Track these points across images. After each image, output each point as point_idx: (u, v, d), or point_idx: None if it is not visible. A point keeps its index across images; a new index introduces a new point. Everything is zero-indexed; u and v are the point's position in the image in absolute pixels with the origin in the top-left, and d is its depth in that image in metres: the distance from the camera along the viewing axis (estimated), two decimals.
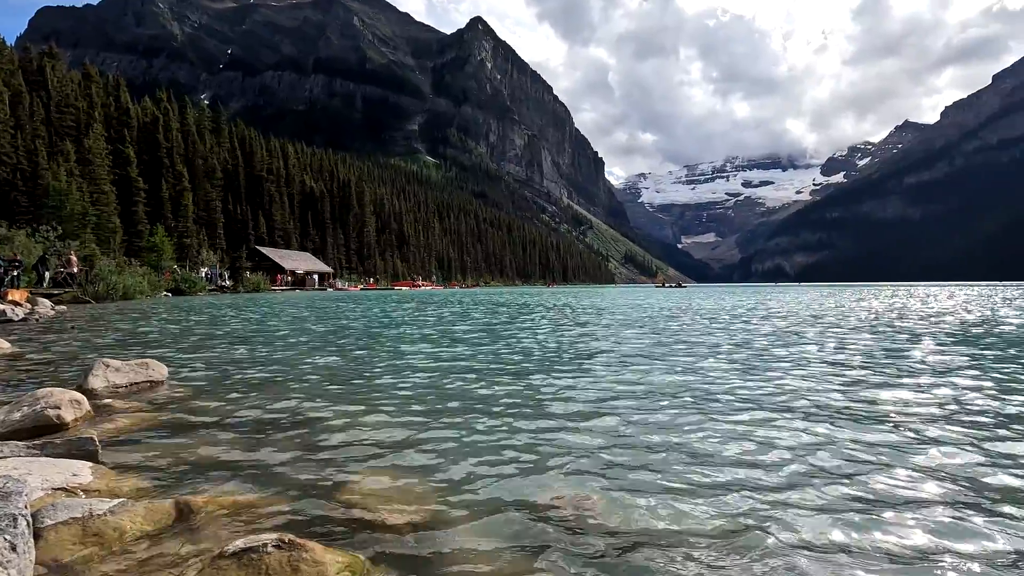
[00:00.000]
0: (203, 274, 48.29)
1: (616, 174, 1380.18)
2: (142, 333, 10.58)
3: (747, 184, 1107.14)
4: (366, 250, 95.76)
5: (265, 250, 63.82)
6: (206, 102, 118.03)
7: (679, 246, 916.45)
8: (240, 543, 1.69)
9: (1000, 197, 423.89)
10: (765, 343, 8.67)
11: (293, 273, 64.04)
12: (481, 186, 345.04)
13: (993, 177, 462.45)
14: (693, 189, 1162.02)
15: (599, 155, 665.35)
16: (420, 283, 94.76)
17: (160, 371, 5.16)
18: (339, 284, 74.23)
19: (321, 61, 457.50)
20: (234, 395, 4.61)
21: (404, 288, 78.21)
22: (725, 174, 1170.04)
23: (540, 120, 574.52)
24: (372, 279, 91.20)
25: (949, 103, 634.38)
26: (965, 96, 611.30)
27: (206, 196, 59.75)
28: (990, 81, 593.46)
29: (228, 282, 50.49)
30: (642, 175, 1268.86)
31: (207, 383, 5.18)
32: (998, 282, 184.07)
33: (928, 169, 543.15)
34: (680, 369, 6.02)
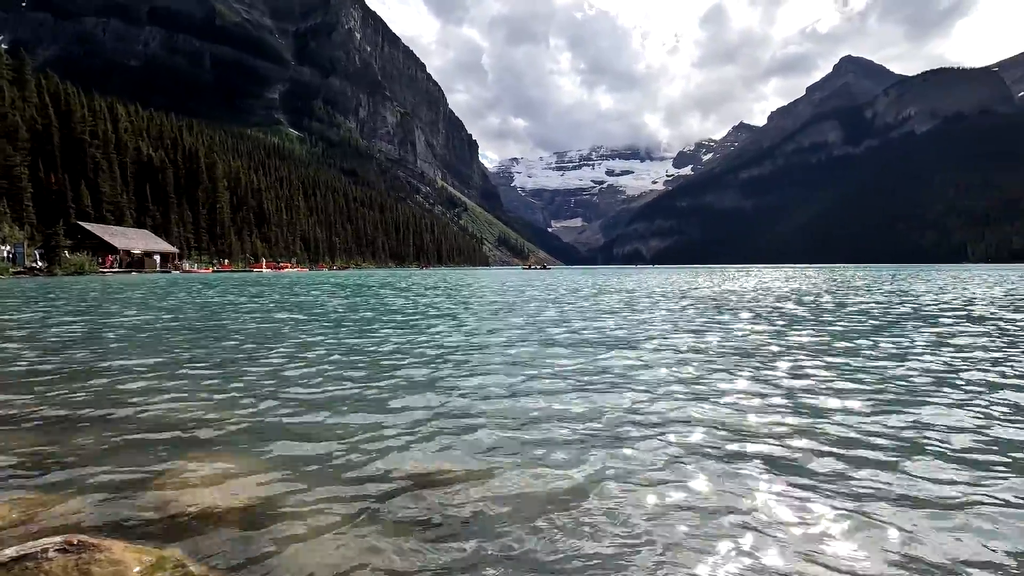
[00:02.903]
0: (4, 253, 40.70)
1: (490, 157, 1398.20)
2: None
3: (610, 173, 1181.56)
4: (219, 229, 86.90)
5: (90, 226, 55.11)
6: (3, 46, 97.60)
7: (549, 230, 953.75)
8: (11, 551, 1.41)
9: (810, 193, 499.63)
10: (594, 321, 9.44)
11: (128, 253, 56.18)
12: (351, 163, 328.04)
13: (805, 176, 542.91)
14: (562, 175, 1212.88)
15: (473, 138, 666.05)
16: (283, 265, 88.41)
17: None
18: (186, 266, 66.72)
19: (158, 11, 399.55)
20: (26, 390, 4.08)
21: (266, 271, 72.55)
22: (591, 162, 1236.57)
23: (413, 98, 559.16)
24: (226, 260, 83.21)
25: (774, 109, 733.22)
26: (786, 104, 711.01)
27: (6, 160, 49.94)
28: (804, 92, 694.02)
29: (41, 263, 43.01)
30: (515, 159, 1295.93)
31: None
32: (808, 264, 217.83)
33: (758, 166, 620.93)
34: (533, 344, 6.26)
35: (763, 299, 14.62)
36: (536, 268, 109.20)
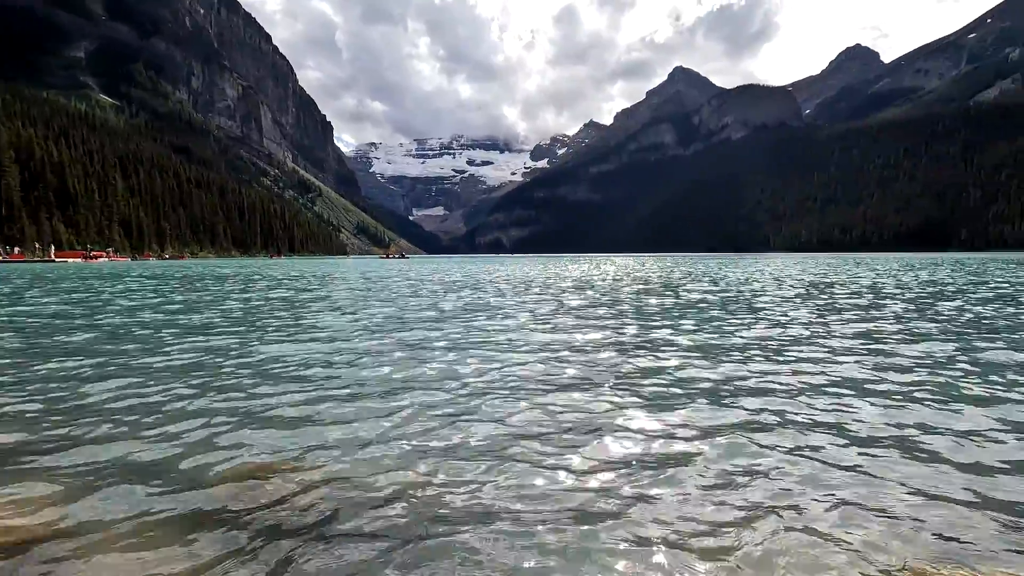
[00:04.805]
0: None
1: (346, 141, 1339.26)
2: None
3: (471, 162, 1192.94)
4: (5, 210, 72.10)
5: None
6: None
7: (411, 218, 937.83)
8: None
9: (649, 189, 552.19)
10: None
11: None
12: (183, 139, 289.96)
13: (645, 173, 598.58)
14: (423, 163, 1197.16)
15: (327, 119, 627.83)
16: (96, 254, 76.17)
17: None
18: None
19: None
20: None
21: (75, 260, 61.95)
22: (452, 151, 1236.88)
23: (258, 71, 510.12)
24: (17, 249, 69.50)
25: (620, 109, 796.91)
26: (629, 105, 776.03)
27: None
28: (644, 96, 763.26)
29: None
30: (373, 144, 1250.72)
31: None
32: (651, 253, 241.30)
33: (606, 162, 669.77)
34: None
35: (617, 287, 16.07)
36: (395, 257, 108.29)
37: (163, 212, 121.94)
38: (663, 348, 5.98)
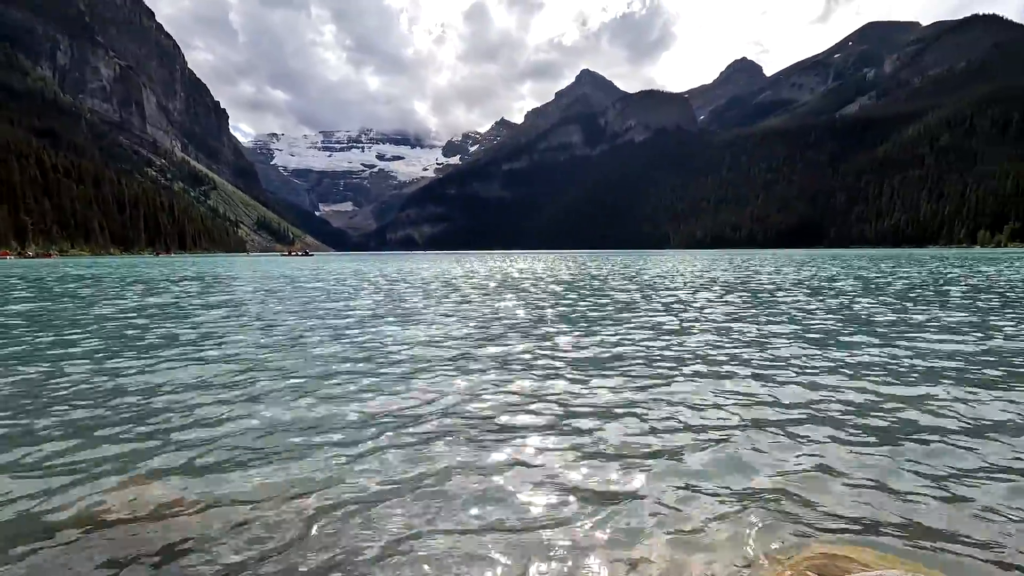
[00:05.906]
0: None
1: (244, 130, 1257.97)
2: None
3: (381, 157, 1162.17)
4: None
5: None
6: None
7: (317, 213, 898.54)
8: None
9: (559, 187, 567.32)
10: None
11: None
12: (47, 122, 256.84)
13: (555, 172, 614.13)
14: (330, 156, 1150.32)
15: (221, 105, 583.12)
16: None
17: None
18: None
19: None
20: None
21: None
22: (361, 145, 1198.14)
23: (139, 50, 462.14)
24: None
25: (530, 108, 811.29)
26: (539, 105, 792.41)
27: None
28: (553, 97, 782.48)
29: None
30: (275, 135, 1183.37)
31: None
32: (562, 250, 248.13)
33: (517, 160, 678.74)
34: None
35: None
36: (297, 255, 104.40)
37: (23, 204, 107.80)
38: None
